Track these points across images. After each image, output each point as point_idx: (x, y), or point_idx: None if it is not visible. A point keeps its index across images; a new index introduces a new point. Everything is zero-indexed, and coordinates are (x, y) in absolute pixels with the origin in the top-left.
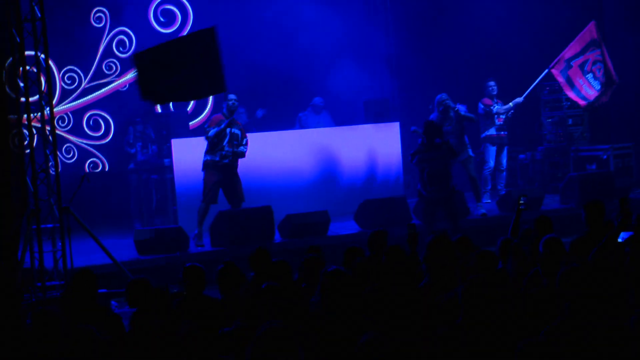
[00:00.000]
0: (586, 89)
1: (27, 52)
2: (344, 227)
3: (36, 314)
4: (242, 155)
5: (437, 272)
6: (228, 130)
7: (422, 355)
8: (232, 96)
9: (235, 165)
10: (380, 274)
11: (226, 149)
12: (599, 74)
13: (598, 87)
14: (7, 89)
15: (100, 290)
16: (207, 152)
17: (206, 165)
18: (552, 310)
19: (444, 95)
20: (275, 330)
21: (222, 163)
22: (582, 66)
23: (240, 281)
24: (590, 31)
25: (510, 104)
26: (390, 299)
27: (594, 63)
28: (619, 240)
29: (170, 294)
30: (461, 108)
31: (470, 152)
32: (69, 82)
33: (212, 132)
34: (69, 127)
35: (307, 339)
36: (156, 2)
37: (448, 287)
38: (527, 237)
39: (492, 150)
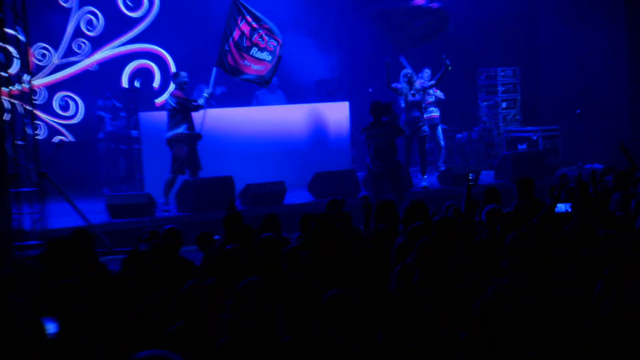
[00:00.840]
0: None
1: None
2: (299, 196)
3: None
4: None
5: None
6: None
7: (380, 309)
8: (183, 73)
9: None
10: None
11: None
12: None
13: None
14: None
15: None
16: (172, 127)
17: (176, 138)
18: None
19: (408, 71)
20: (253, 284)
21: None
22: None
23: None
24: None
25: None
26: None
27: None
28: (557, 211)
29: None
30: (427, 71)
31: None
32: (40, 58)
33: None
34: (39, 103)
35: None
36: None
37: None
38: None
39: (432, 128)
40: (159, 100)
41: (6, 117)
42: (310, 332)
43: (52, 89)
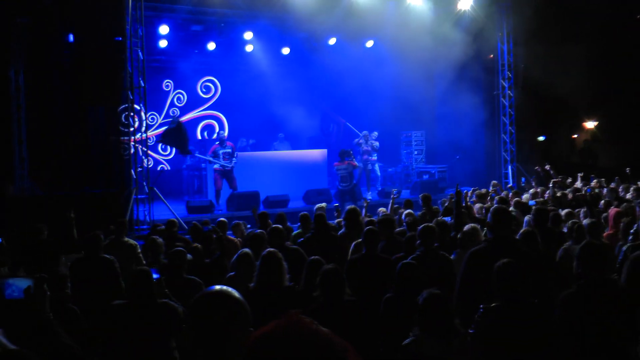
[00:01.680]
0: None
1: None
2: (297, 203)
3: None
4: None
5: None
6: (221, 151)
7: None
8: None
9: (232, 170)
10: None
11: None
12: None
13: None
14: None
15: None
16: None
17: (215, 170)
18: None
19: (365, 132)
20: (271, 252)
21: (222, 169)
22: None
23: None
24: None
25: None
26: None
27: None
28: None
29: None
30: (375, 133)
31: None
32: (151, 119)
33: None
34: (152, 145)
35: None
36: (201, 80)
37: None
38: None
39: (370, 166)
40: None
41: (132, 154)
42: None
43: (157, 137)
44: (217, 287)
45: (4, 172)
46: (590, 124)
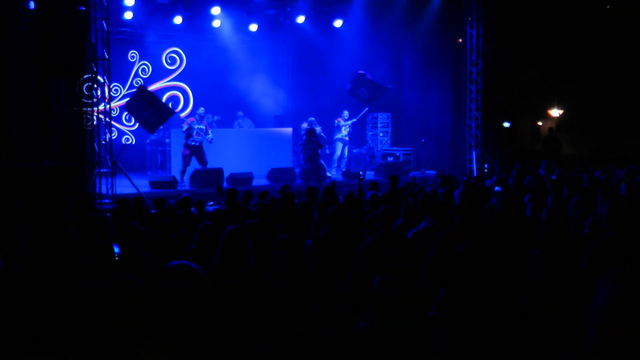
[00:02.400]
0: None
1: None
2: (261, 182)
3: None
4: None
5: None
6: (196, 126)
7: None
8: (201, 109)
9: (202, 146)
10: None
11: (195, 137)
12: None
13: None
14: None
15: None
16: (185, 138)
17: (186, 146)
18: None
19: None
20: (234, 229)
21: (193, 144)
22: None
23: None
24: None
25: (349, 122)
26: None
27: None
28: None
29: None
30: (345, 112)
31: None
32: (115, 91)
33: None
34: (115, 116)
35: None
36: (166, 51)
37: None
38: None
39: (341, 146)
40: (183, 115)
41: (95, 126)
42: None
43: (121, 109)
44: (179, 262)
45: None
46: (555, 112)
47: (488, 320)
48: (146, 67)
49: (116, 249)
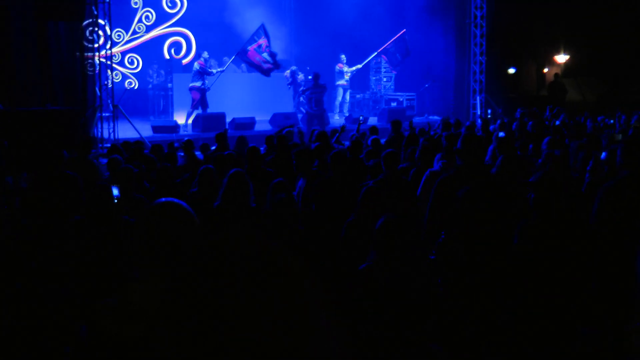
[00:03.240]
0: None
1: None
2: (264, 126)
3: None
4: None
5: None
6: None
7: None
8: (205, 53)
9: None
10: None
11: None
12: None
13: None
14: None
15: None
16: (193, 82)
17: (194, 88)
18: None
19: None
20: (237, 172)
21: (203, 88)
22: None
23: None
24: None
25: (353, 68)
26: None
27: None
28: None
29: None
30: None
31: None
32: (117, 36)
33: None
34: (118, 62)
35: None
36: None
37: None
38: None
39: (342, 91)
40: (185, 61)
41: (96, 71)
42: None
43: (124, 53)
44: (164, 199)
45: None
46: (561, 58)
47: (489, 264)
48: (150, 14)
49: (115, 191)
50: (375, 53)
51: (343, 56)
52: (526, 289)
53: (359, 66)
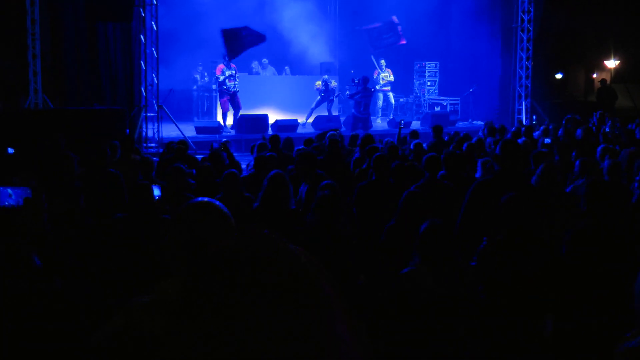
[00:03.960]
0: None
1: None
2: (306, 129)
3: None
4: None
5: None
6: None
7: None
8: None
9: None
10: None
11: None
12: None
13: None
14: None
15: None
16: (220, 85)
17: (223, 92)
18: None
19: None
20: (277, 174)
21: (229, 90)
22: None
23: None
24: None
25: (386, 73)
26: None
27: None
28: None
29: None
30: (383, 61)
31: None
32: None
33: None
34: None
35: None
36: None
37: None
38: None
39: (381, 96)
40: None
41: (142, 71)
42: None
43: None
44: (201, 198)
45: (18, 85)
46: (611, 63)
47: (533, 272)
48: None
49: (157, 191)
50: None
51: (382, 61)
52: (572, 299)
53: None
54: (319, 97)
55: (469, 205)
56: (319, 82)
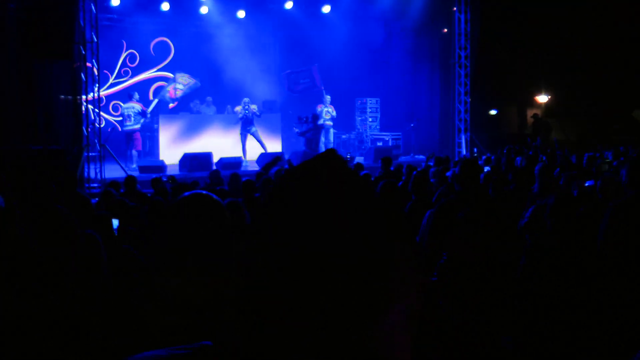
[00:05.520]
0: None
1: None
2: (251, 166)
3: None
4: None
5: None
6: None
7: None
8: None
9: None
10: None
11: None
12: None
13: None
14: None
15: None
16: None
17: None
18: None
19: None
20: (234, 201)
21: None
22: None
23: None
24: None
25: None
26: None
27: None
28: None
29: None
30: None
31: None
32: (102, 79)
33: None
34: (102, 105)
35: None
36: (154, 40)
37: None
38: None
39: (324, 132)
40: (171, 105)
41: (82, 112)
42: None
43: (108, 98)
44: (193, 191)
45: None
46: (542, 98)
47: (490, 286)
48: (135, 54)
49: (115, 223)
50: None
51: (328, 97)
52: (531, 313)
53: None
54: (239, 124)
55: (433, 225)
56: (239, 107)
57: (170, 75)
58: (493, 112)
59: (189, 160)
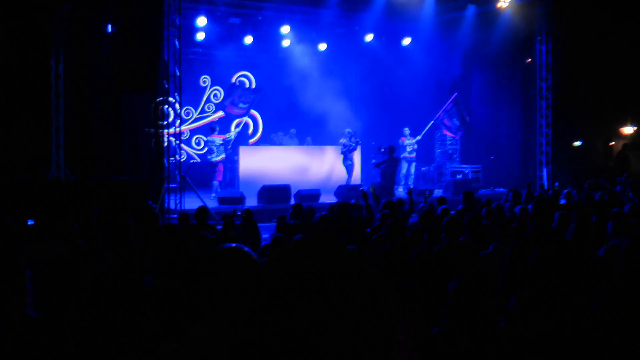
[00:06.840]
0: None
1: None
2: (328, 198)
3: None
4: None
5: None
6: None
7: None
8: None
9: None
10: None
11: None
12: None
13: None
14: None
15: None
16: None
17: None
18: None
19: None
20: (302, 238)
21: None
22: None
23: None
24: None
25: (413, 140)
26: None
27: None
28: None
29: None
30: (407, 129)
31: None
32: (186, 114)
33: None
34: (185, 139)
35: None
36: (236, 75)
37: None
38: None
39: (406, 165)
40: (252, 141)
41: (164, 145)
42: None
43: (192, 132)
44: (231, 245)
45: (41, 158)
46: (628, 130)
47: (563, 329)
48: (218, 93)
49: None
50: (432, 122)
51: (406, 129)
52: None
53: (419, 137)
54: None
55: (507, 266)
56: (344, 139)
57: (253, 112)
58: (577, 143)
59: (266, 192)
